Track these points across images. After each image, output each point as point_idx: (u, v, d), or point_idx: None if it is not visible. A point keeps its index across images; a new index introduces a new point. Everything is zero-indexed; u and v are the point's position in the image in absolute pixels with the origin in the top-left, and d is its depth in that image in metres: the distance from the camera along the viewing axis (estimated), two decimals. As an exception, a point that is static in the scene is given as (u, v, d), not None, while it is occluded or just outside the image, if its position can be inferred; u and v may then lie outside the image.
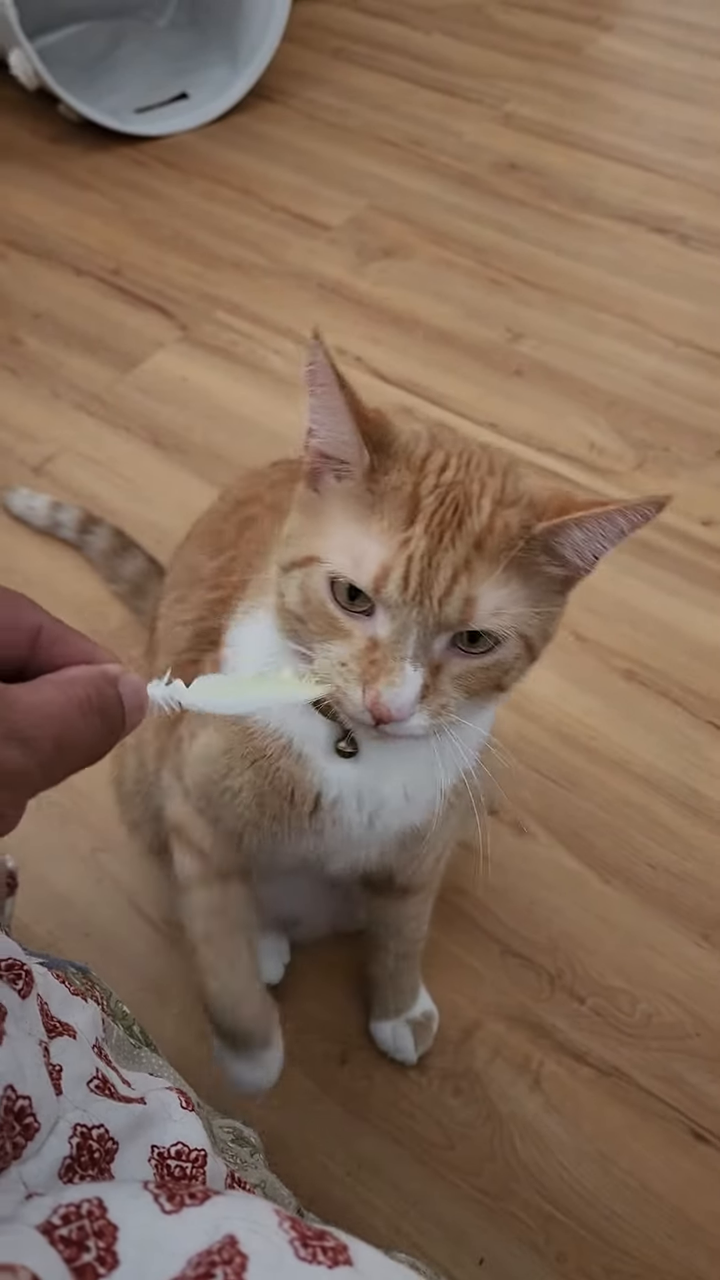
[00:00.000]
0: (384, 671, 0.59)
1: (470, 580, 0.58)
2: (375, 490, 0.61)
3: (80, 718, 0.40)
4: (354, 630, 0.61)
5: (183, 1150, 0.50)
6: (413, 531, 0.59)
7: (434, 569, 0.58)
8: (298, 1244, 0.38)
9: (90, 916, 1.12)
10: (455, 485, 0.61)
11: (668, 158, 2.23)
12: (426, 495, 0.60)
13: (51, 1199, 0.39)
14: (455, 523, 0.59)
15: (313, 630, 0.63)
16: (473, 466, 0.62)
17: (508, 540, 0.59)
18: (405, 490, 0.60)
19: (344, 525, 0.62)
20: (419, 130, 2.32)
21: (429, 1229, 0.94)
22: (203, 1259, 0.37)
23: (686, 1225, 0.94)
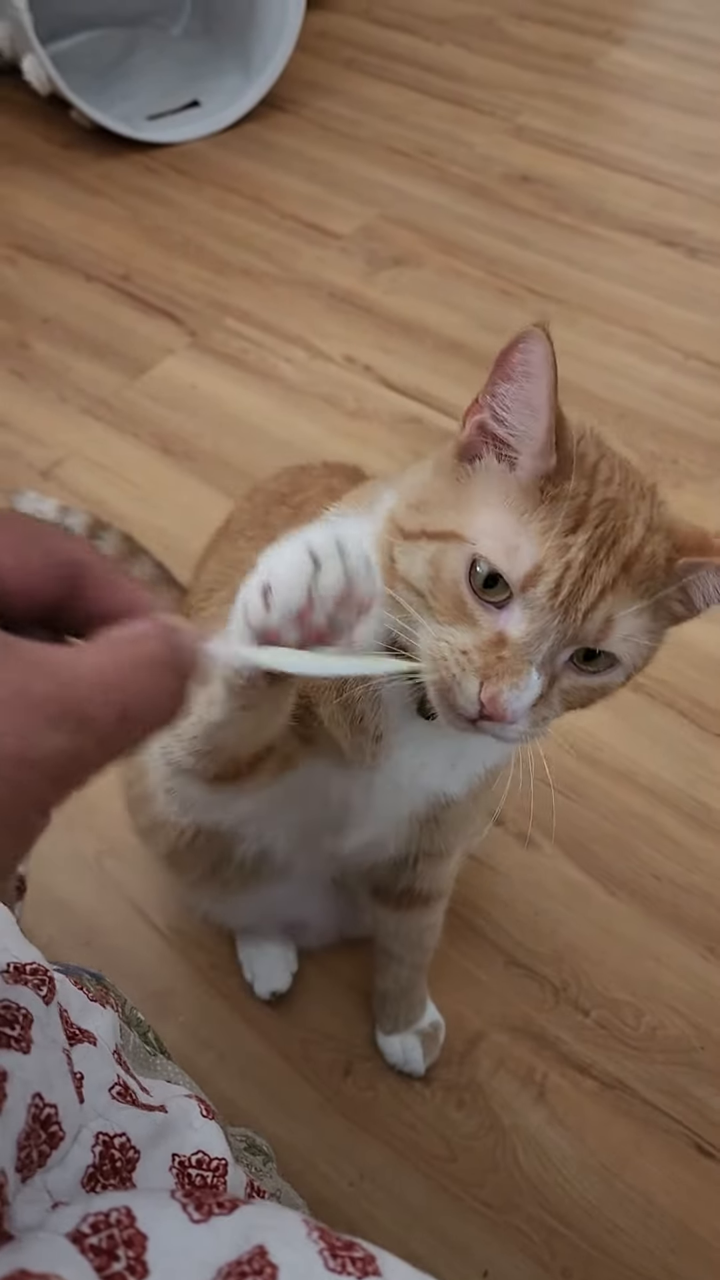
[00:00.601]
0: (510, 671, 0.58)
1: (615, 600, 0.58)
2: (547, 490, 0.60)
3: (150, 679, 0.34)
4: (482, 620, 0.60)
5: (204, 1159, 0.50)
6: (575, 539, 0.58)
7: (586, 581, 0.58)
8: (327, 1254, 0.38)
9: (93, 923, 1.11)
10: (617, 502, 0.60)
11: (677, 171, 2.24)
12: (594, 507, 0.59)
13: (80, 1207, 0.38)
14: (612, 540, 0.59)
15: (433, 608, 0.62)
16: (630, 484, 0.62)
17: (653, 569, 0.59)
18: (578, 499, 0.59)
19: (498, 511, 0.60)
20: (430, 141, 2.32)
21: (432, 1242, 0.93)
22: (233, 1269, 0.37)
23: (690, 1239, 0.94)
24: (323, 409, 1.69)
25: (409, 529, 0.64)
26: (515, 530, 0.59)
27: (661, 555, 0.60)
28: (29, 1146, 0.43)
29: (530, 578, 0.58)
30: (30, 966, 0.50)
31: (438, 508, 0.63)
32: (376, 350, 1.80)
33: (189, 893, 1.03)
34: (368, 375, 1.75)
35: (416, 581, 0.62)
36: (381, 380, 1.74)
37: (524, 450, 0.61)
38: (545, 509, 0.59)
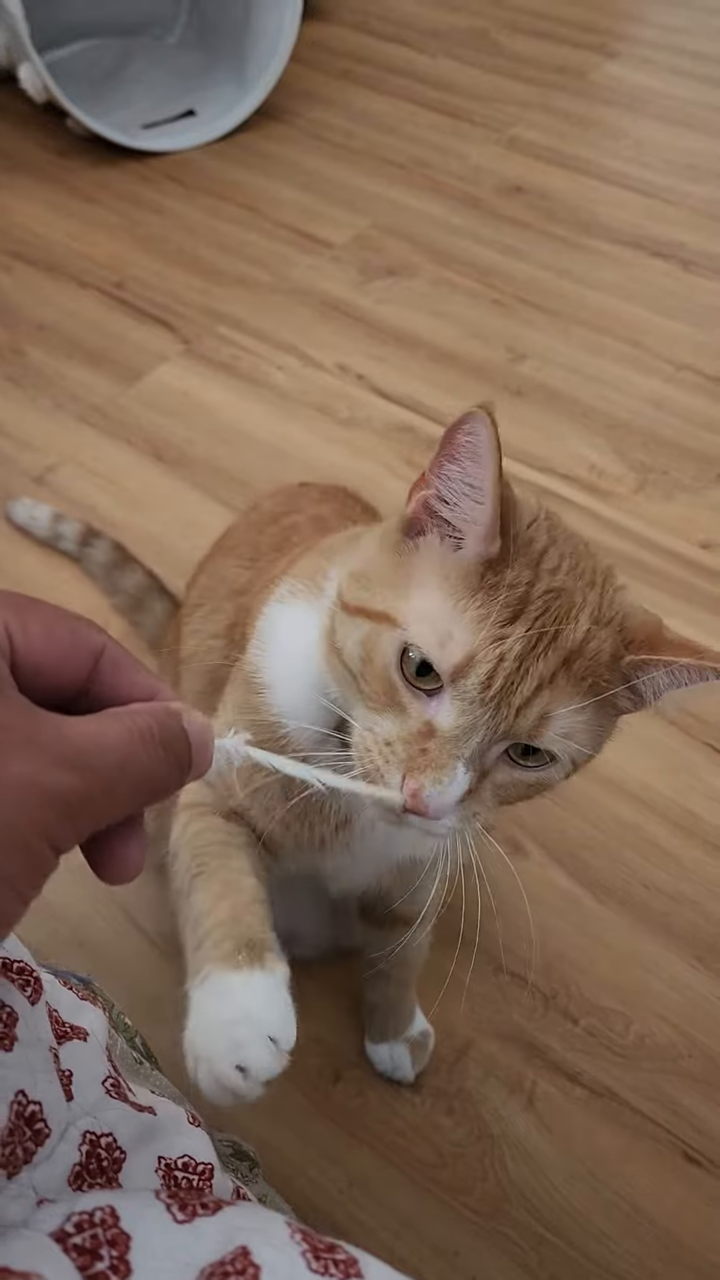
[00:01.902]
0: (434, 766, 0.55)
1: (552, 696, 0.56)
2: (487, 577, 0.57)
3: (143, 748, 0.39)
4: (411, 708, 0.57)
5: (190, 1163, 0.50)
6: (512, 631, 0.56)
7: (521, 675, 0.55)
8: (309, 1256, 0.38)
9: (83, 928, 1.11)
10: (562, 592, 0.58)
11: (669, 183, 2.25)
12: (536, 598, 0.57)
13: (64, 1206, 0.39)
14: (553, 633, 0.56)
15: (363, 691, 0.60)
16: (579, 572, 0.59)
17: (596, 665, 0.57)
18: (519, 589, 0.57)
19: (435, 595, 0.58)
20: (423, 152, 2.33)
21: (420, 1248, 0.93)
22: (215, 1270, 0.37)
23: (677, 1248, 0.94)
24: (315, 417, 1.70)
25: (349, 602, 0.62)
26: (450, 617, 0.57)
27: (607, 651, 0.58)
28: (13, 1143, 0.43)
29: (461, 668, 0.55)
30: (17, 965, 0.50)
31: (377, 584, 0.61)
32: (369, 359, 1.81)
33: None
34: (360, 384, 1.76)
35: (349, 660, 0.61)
36: (374, 389, 1.75)
37: (468, 533, 0.59)
38: (484, 596, 0.57)
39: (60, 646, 0.40)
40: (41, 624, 0.40)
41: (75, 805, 0.36)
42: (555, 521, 0.63)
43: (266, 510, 0.99)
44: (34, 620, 0.40)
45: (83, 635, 0.41)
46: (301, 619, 0.69)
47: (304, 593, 0.71)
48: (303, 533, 0.91)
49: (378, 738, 0.58)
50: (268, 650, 0.71)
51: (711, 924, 1.14)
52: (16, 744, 0.34)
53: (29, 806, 0.34)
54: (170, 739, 0.40)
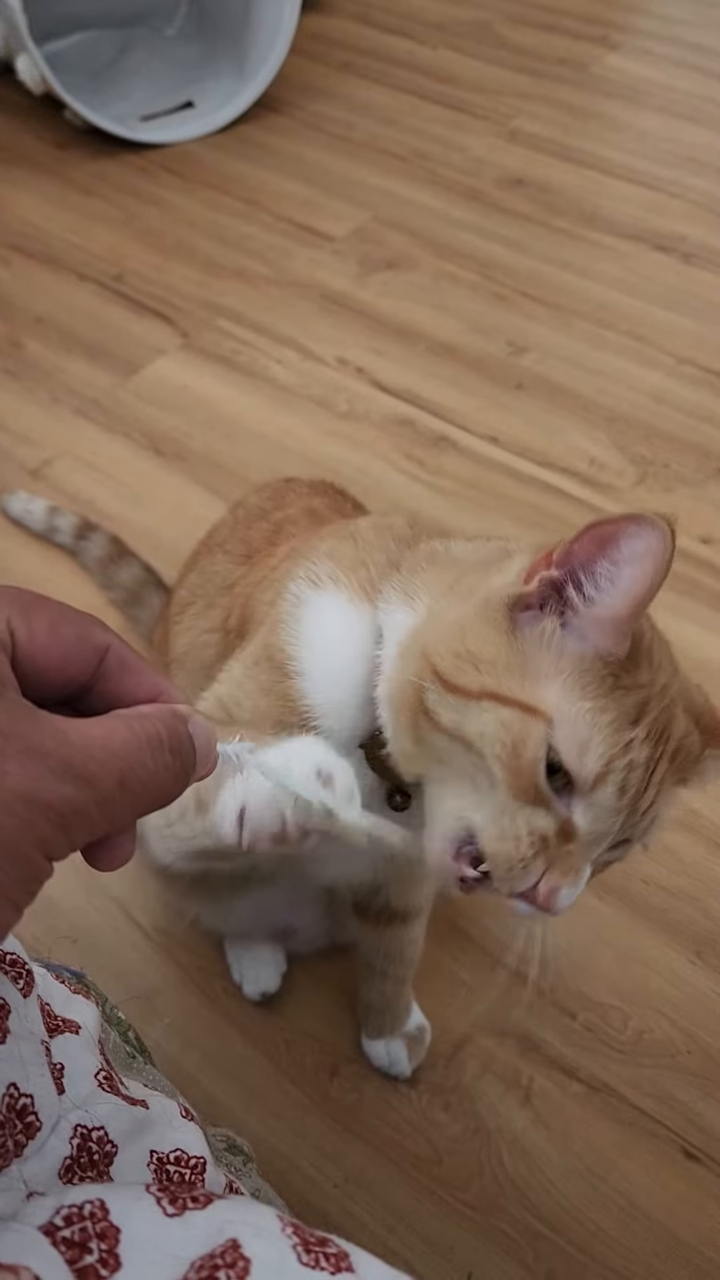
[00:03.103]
0: (573, 869, 0.54)
1: (664, 794, 0.56)
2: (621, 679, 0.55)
3: (151, 755, 0.38)
4: (555, 806, 0.55)
5: (182, 1157, 0.50)
6: (636, 734, 0.54)
7: (649, 779, 0.54)
8: (300, 1250, 0.38)
9: (78, 922, 1.11)
10: (667, 689, 0.57)
11: (671, 176, 2.25)
12: (654, 699, 0.55)
13: (54, 1200, 0.38)
14: (665, 733, 0.55)
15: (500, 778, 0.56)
16: (670, 661, 0.58)
17: (689, 759, 0.57)
18: (642, 690, 0.55)
19: (568, 691, 0.55)
20: (424, 144, 2.33)
21: (416, 1244, 0.93)
22: (205, 1263, 0.36)
23: (675, 1244, 0.94)
24: (314, 411, 1.69)
25: (464, 685, 0.57)
26: (585, 720, 0.54)
27: (698, 746, 0.58)
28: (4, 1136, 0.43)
29: (600, 777, 0.54)
30: (10, 957, 0.50)
31: (498, 667, 0.57)
32: (368, 352, 1.80)
33: (178, 900, 1.03)
34: (359, 377, 1.75)
35: (480, 742, 0.56)
36: (373, 382, 1.74)
37: (597, 628, 0.56)
38: (615, 699, 0.55)
39: (65, 644, 0.39)
40: (46, 621, 0.39)
41: (74, 817, 0.35)
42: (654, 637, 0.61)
43: (253, 506, 0.98)
44: (39, 617, 0.39)
45: (88, 633, 0.40)
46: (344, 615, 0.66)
47: (346, 585, 0.68)
48: (298, 525, 0.90)
49: (532, 829, 0.55)
50: (301, 635, 0.67)
51: (710, 920, 1.14)
52: (15, 753, 0.34)
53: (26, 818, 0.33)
54: (178, 745, 0.39)
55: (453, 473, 1.60)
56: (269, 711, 0.68)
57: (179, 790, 0.40)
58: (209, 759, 0.42)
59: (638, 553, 0.54)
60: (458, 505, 1.54)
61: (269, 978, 1.06)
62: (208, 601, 0.91)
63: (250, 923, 1.03)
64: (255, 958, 1.06)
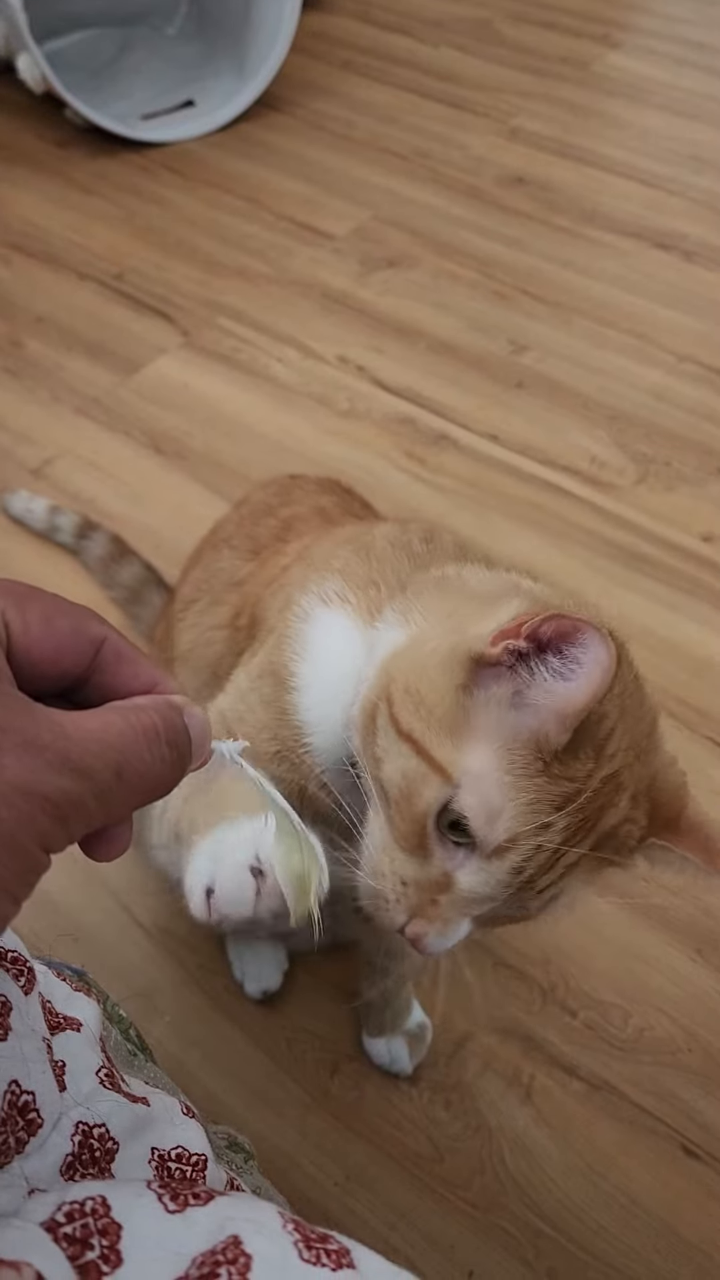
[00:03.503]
0: (442, 919, 0.55)
1: (572, 878, 0.55)
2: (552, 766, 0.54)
3: (147, 747, 0.38)
4: (436, 856, 0.55)
5: (183, 1154, 0.50)
6: (556, 822, 0.53)
7: (551, 864, 0.54)
8: (301, 1246, 0.38)
9: (80, 920, 1.11)
10: (613, 778, 0.55)
11: (672, 174, 2.24)
12: (589, 789, 0.54)
13: (55, 1196, 0.38)
14: (594, 821, 0.54)
15: (392, 819, 0.57)
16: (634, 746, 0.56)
17: (621, 845, 0.56)
18: (577, 782, 0.54)
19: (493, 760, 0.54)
20: (425, 143, 2.32)
21: (417, 1241, 0.93)
22: (207, 1259, 0.36)
23: (675, 1241, 0.94)
24: (315, 409, 1.69)
25: (402, 724, 0.57)
26: (502, 792, 0.54)
27: (636, 831, 0.56)
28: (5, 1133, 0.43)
29: (502, 850, 0.54)
30: (11, 954, 0.50)
31: (433, 717, 0.56)
32: (369, 351, 1.80)
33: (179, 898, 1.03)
34: (360, 376, 1.75)
35: (385, 781, 0.58)
36: (374, 381, 1.74)
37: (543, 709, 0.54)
38: (541, 782, 0.54)
39: (60, 636, 0.39)
40: (41, 613, 0.39)
41: (71, 809, 0.35)
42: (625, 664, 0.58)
43: (259, 502, 0.98)
44: (33, 610, 0.39)
45: (83, 625, 0.40)
46: (346, 634, 0.66)
47: (354, 606, 0.67)
48: (308, 524, 0.89)
49: (395, 873, 0.56)
50: (304, 651, 0.67)
51: (711, 918, 1.14)
52: (12, 746, 0.34)
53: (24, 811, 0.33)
54: (174, 736, 0.39)
55: (453, 471, 1.60)
56: (268, 724, 0.68)
57: (175, 781, 0.40)
58: (204, 749, 0.42)
59: (580, 661, 0.54)
60: (458, 504, 1.54)
61: (270, 975, 1.06)
62: (213, 598, 0.91)
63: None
64: (256, 956, 1.06)
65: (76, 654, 0.40)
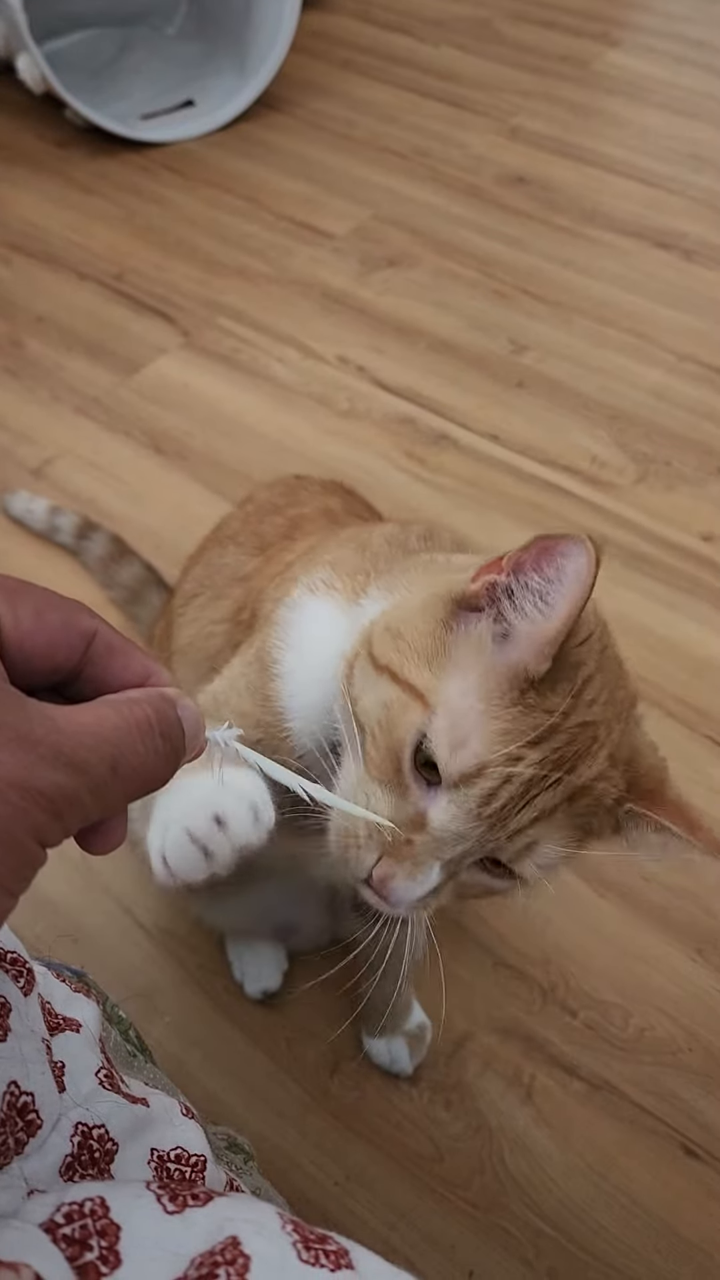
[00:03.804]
0: (412, 861, 0.54)
1: (546, 829, 0.54)
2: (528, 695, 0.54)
3: (141, 740, 0.38)
4: (412, 792, 0.55)
5: (182, 1154, 0.50)
6: (529, 755, 0.53)
7: (524, 802, 0.53)
8: (300, 1246, 0.38)
9: (80, 921, 1.11)
10: (591, 726, 0.55)
11: (672, 173, 2.24)
12: (565, 729, 0.54)
13: (54, 1197, 0.38)
14: (570, 766, 0.54)
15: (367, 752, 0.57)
16: (614, 702, 0.57)
17: (597, 807, 0.56)
18: (553, 716, 0.54)
19: (469, 689, 0.55)
20: (425, 142, 2.32)
21: (418, 1241, 0.93)
22: (205, 1259, 0.36)
23: (676, 1241, 0.94)
24: (315, 409, 1.69)
25: (379, 658, 0.58)
26: (474, 721, 0.54)
27: (612, 795, 0.56)
28: (5, 1134, 0.43)
29: (466, 777, 0.53)
30: (10, 955, 0.50)
31: (413, 651, 0.57)
32: (369, 351, 1.80)
33: (179, 898, 1.03)
34: (360, 376, 1.75)
35: (363, 715, 0.58)
36: (374, 381, 1.74)
37: (523, 641, 0.55)
38: (516, 712, 0.54)
39: (51, 630, 0.39)
40: (32, 608, 0.39)
41: (66, 803, 0.35)
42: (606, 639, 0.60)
43: (264, 501, 0.98)
44: (24, 604, 0.39)
45: (74, 618, 0.40)
46: (332, 619, 0.67)
47: (341, 591, 0.68)
48: (314, 523, 0.89)
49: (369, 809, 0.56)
50: (289, 638, 0.68)
51: (711, 917, 1.13)
52: (7, 741, 0.34)
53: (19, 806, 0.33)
54: (167, 728, 0.39)
55: (453, 471, 1.60)
56: (251, 711, 0.68)
57: (169, 773, 0.40)
58: (197, 741, 0.42)
59: (563, 570, 0.53)
60: (458, 503, 1.54)
61: (270, 976, 1.06)
62: (215, 593, 0.90)
63: (252, 920, 1.03)
64: (256, 956, 1.06)
65: (68, 647, 0.40)
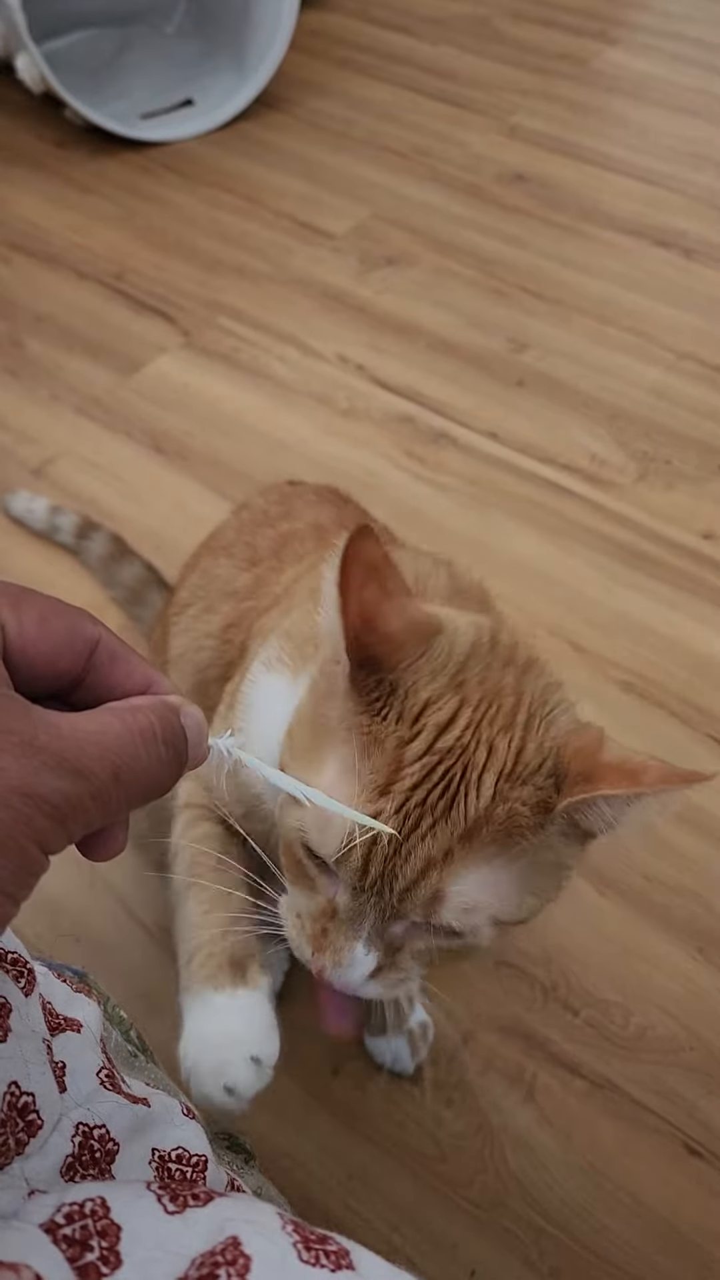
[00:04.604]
0: (333, 947, 0.53)
1: (445, 873, 0.50)
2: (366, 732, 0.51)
3: (144, 748, 0.38)
4: (318, 883, 0.55)
5: (183, 1154, 0.50)
6: (383, 805, 0.50)
7: (402, 857, 0.50)
8: (300, 1247, 0.38)
9: (82, 921, 1.11)
10: (454, 752, 0.51)
11: (672, 171, 2.24)
12: (410, 763, 0.51)
13: (55, 1197, 0.38)
14: (445, 805, 0.51)
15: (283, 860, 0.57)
16: (489, 720, 0.53)
17: (510, 827, 0.51)
18: (388, 748, 0.51)
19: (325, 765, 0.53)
20: (424, 140, 2.32)
21: (420, 1241, 0.93)
22: (206, 1259, 0.36)
23: (678, 1240, 0.94)
24: (315, 408, 1.69)
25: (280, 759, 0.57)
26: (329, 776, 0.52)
27: (527, 809, 0.51)
28: (5, 1134, 0.43)
29: (341, 856, 0.51)
30: (11, 956, 0.50)
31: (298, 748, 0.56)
32: (369, 350, 1.80)
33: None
34: (360, 375, 1.75)
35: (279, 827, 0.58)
36: (374, 380, 1.74)
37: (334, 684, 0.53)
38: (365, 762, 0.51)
39: (55, 637, 0.39)
40: (36, 615, 0.39)
41: (69, 810, 0.35)
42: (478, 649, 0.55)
43: (259, 509, 0.98)
44: (28, 611, 0.39)
45: (78, 626, 0.40)
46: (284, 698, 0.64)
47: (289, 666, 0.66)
48: (304, 541, 0.89)
49: (293, 910, 0.56)
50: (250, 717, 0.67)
51: (713, 916, 1.13)
52: (10, 747, 0.34)
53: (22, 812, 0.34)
54: (171, 736, 0.39)
55: (453, 470, 1.60)
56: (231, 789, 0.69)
57: (173, 781, 0.40)
58: (201, 749, 0.42)
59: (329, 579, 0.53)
60: (458, 502, 1.54)
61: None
62: (207, 604, 0.90)
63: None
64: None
65: (72, 655, 0.40)
